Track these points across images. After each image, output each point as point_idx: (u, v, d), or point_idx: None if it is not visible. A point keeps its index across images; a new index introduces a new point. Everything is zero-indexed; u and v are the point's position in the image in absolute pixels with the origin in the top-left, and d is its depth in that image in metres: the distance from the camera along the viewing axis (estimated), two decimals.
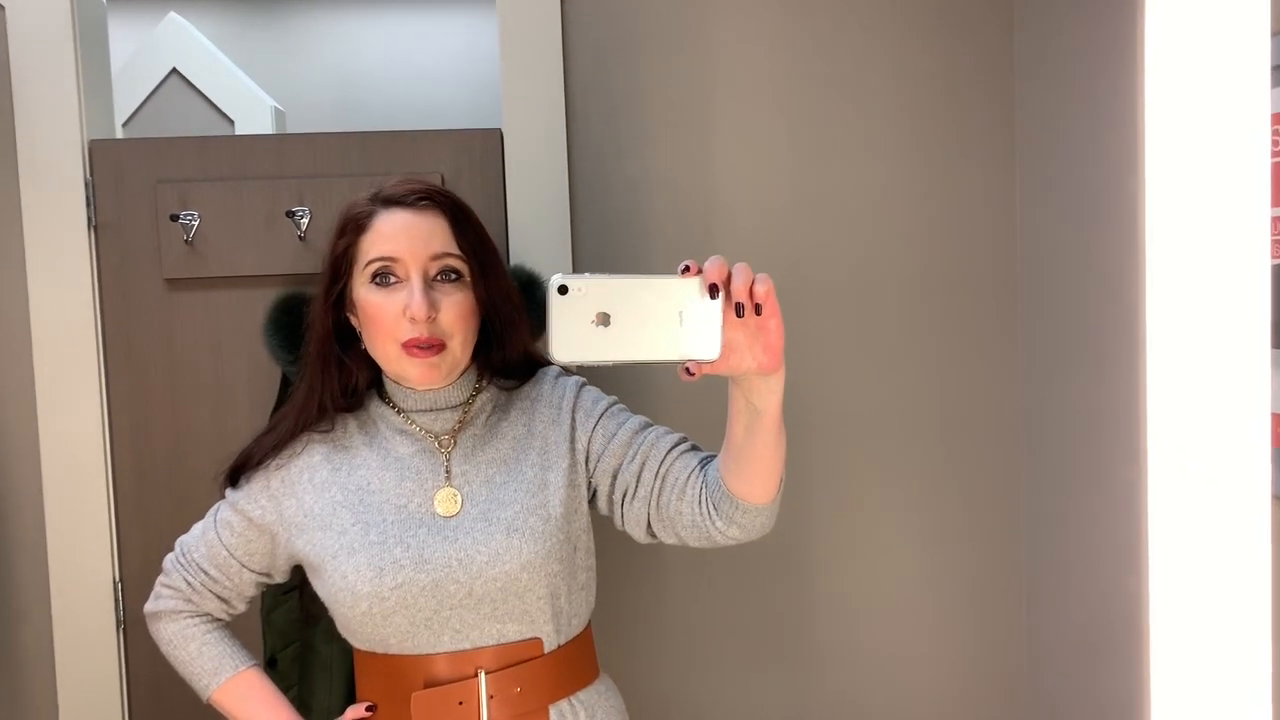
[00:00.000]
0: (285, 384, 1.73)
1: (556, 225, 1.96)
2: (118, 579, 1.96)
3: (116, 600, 1.96)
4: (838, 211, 2.00)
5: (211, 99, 3.22)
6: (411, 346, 1.25)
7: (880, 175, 2.00)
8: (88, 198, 1.92)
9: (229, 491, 1.40)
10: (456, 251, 1.28)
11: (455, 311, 1.27)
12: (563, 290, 0.96)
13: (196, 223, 1.91)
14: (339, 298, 1.32)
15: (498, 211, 1.97)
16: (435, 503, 1.29)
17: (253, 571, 1.40)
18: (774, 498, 1.21)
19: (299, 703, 1.58)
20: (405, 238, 1.26)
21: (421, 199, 1.28)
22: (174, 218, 1.89)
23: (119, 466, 1.96)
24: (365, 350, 1.33)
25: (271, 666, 1.67)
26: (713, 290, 0.98)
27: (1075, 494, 1.86)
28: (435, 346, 1.26)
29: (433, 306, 1.25)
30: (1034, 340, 1.98)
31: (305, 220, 1.90)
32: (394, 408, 1.35)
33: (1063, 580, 1.92)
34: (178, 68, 3.21)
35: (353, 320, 1.33)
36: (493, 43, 3.68)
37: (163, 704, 1.98)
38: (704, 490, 1.24)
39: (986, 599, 2.06)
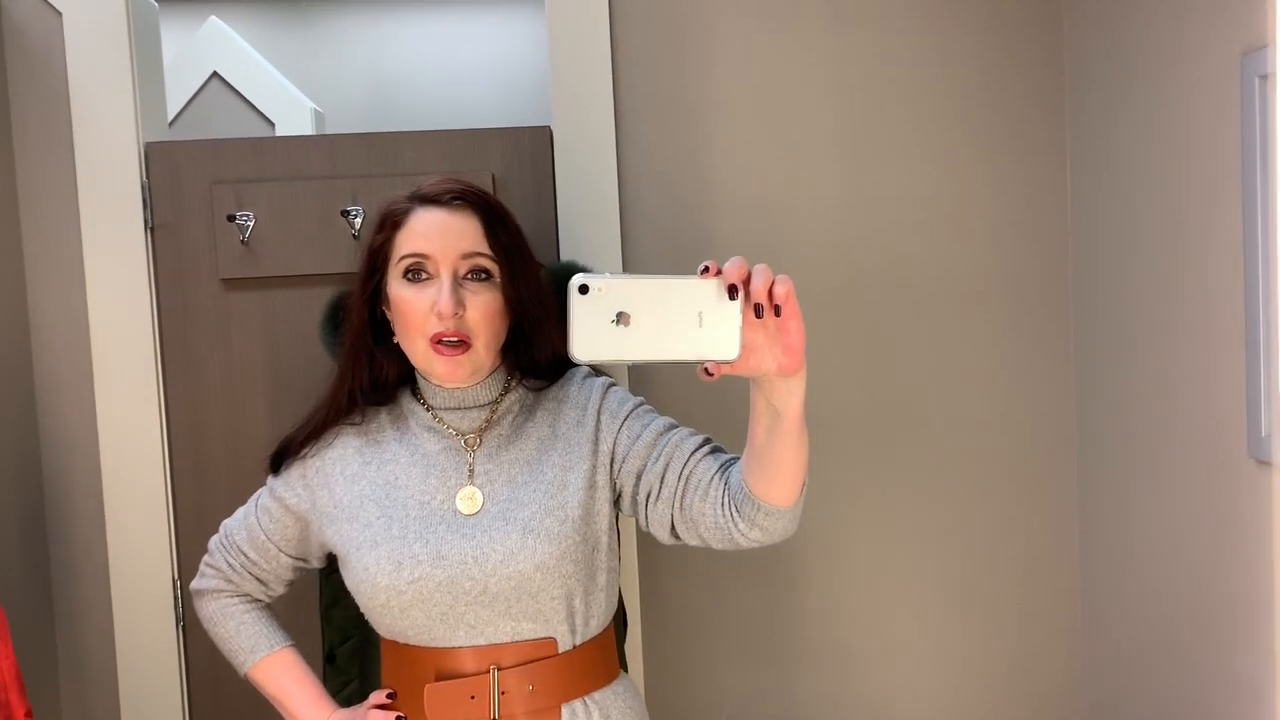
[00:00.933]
0: None
1: (606, 222, 1.97)
2: (176, 578, 1.98)
3: (176, 599, 1.98)
4: (887, 211, 2.00)
5: (252, 101, 3.25)
6: (437, 342, 1.27)
7: (930, 175, 1.99)
8: (144, 199, 1.93)
9: (270, 478, 1.44)
10: (487, 251, 1.30)
11: (482, 310, 1.29)
12: (583, 290, 0.97)
13: (252, 223, 1.92)
14: (374, 292, 1.34)
15: (548, 209, 1.97)
16: (457, 500, 1.32)
17: (289, 556, 1.44)
18: (796, 500, 1.21)
19: (359, 696, 1.59)
20: (438, 235, 1.29)
21: (456, 198, 1.31)
22: (230, 218, 1.91)
23: (177, 466, 1.97)
24: (398, 345, 1.35)
25: (330, 662, 1.68)
26: (732, 291, 0.99)
27: (1130, 499, 1.85)
28: (461, 343, 1.27)
29: (460, 304, 1.27)
30: (1085, 341, 1.97)
31: (359, 220, 1.91)
32: (424, 405, 1.37)
33: (1117, 586, 1.90)
34: (219, 71, 3.24)
35: (387, 314, 1.35)
36: (527, 44, 3.71)
37: (223, 703, 2.00)
38: (726, 492, 1.25)
39: (1037, 605, 2.05)
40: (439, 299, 1.26)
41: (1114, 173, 1.85)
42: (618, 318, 0.97)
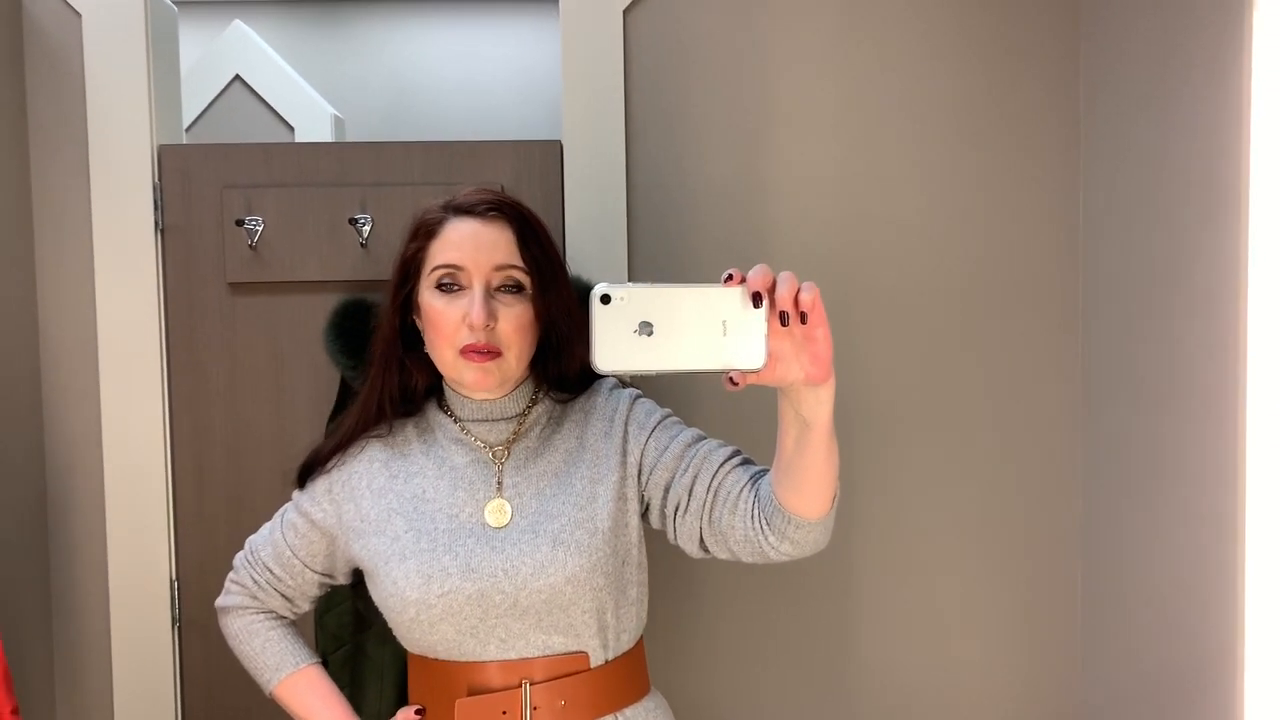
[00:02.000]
0: (344, 389, 1.74)
1: (614, 237, 1.97)
2: (174, 578, 1.99)
3: (173, 599, 1.98)
4: (895, 227, 1.99)
5: (273, 106, 3.27)
6: (469, 352, 1.26)
7: (938, 191, 1.98)
8: (155, 201, 1.95)
9: (295, 493, 1.42)
10: (519, 264, 1.29)
11: (514, 323, 1.28)
12: (605, 299, 0.95)
13: (260, 228, 1.93)
14: (406, 300, 1.34)
15: (555, 222, 1.97)
16: (485, 513, 1.30)
17: (315, 572, 1.42)
18: (828, 512, 1.19)
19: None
20: (471, 247, 1.28)
21: (491, 210, 1.30)
22: (239, 222, 1.92)
23: (179, 467, 1.98)
24: (427, 355, 1.34)
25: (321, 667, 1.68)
26: (755, 299, 0.97)
27: (1136, 503, 1.83)
28: (491, 353, 1.26)
29: (491, 315, 1.26)
30: (1094, 344, 1.95)
31: (367, 228, 1.92)
32: (452, 417, 1.36)
33: (1121, 591, 1.89)
34: (241, 75, 3.26)
35: (418, 323, 1.35)
36: (548, 54, 3.71)
37: (215, 702, 2.00)
38: (756, 505, 1.22)
39: (1040, 619, 2.03)
40: (471, 311, 1.26)
41: (1127, 177, 1.84)
42: (641, 327, 0.95)
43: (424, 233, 1.32)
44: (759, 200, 1.98)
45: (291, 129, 3.27)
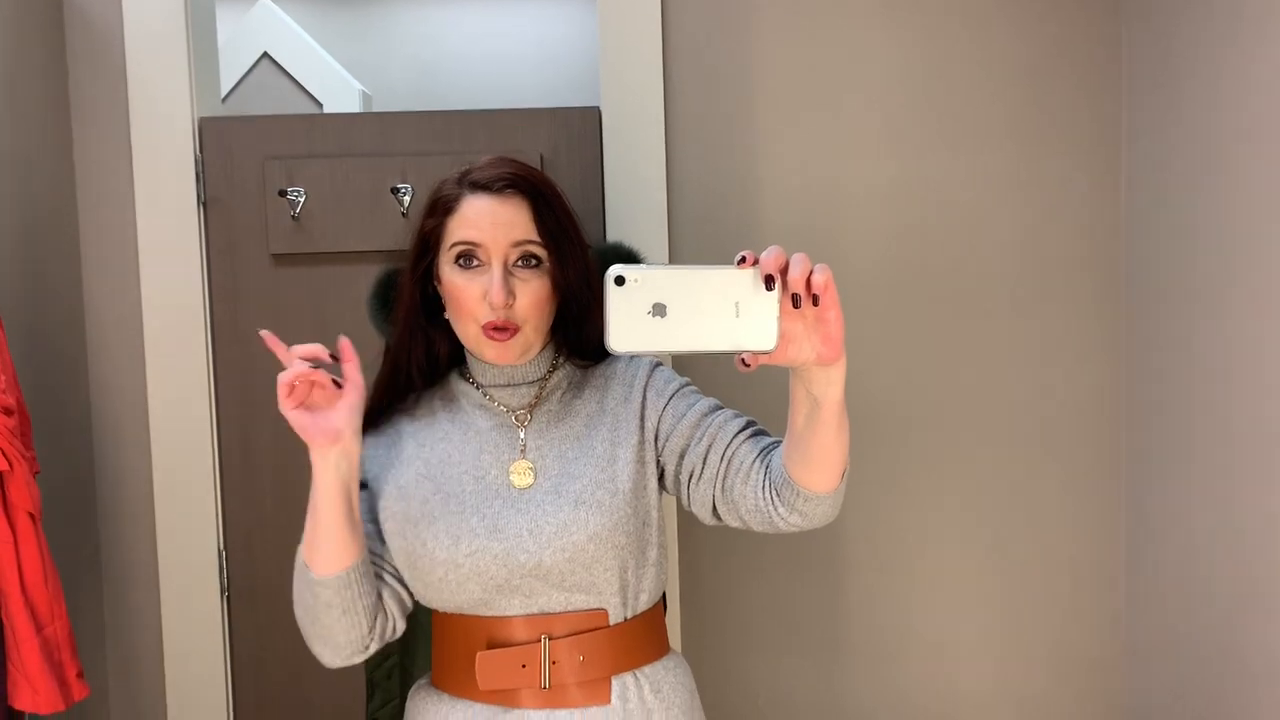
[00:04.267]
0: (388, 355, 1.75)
1: (653, 203, 1.97)
2: (222, 549, 2.01)
3: (220, 570, 2.00)
4: (937, 195, 1.98)
5: (301, 82, 3.28)
6: (489, 329, 1.28)
7: (982, 160, 1.98)
8: (197, 174, 1.96)
9: None
10: (536, 239, 1.31)
11: (531, 298, 1.30)
12: (619, 281, 0.96)
13: (303, 199, 1.94)
14: (426, 272, 1.35)
15: (595, 190, 1.97)
16: (510, 475, 1.32)
17: (372, 524, 1.40)
18: (837, 487, 1.21)
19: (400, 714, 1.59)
20: (488, 224, 1.30)
21: (507, 186, 1.31)
22: (282, 193, 1.93)
23: (225, 439, 2.00)
24: (448, 323, 1.36)
25: (370, 683, 1.71)
26: (768, 282, 0.98)
27: (1178, 485, 1.83)
28: (510, 330, 1.28)
29: (510, 294, 1.28)
30: (1136, 326, 1.95)
31: (408, 197, 1.92)
32: (474, 384, 1.38)
33: (1163, 574, 1.88)
34: (269, 52, 3.27)
35: (439, 290, 1.36)
36: (574, 29, 3.71)
37: (265, 670, 2.03)
38: (767, 477, 1.25)
39: (1081, 594, 2.04)
40: (490, 289, 1.28)
41: (1170, 160, 1.83)
42: (654, 309, 0.96)
43: (442, 209, 1.34)
44: (801, 163, 1.98)
45: (320, 105, 3.28)
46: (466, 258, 1.30)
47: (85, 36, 1.94)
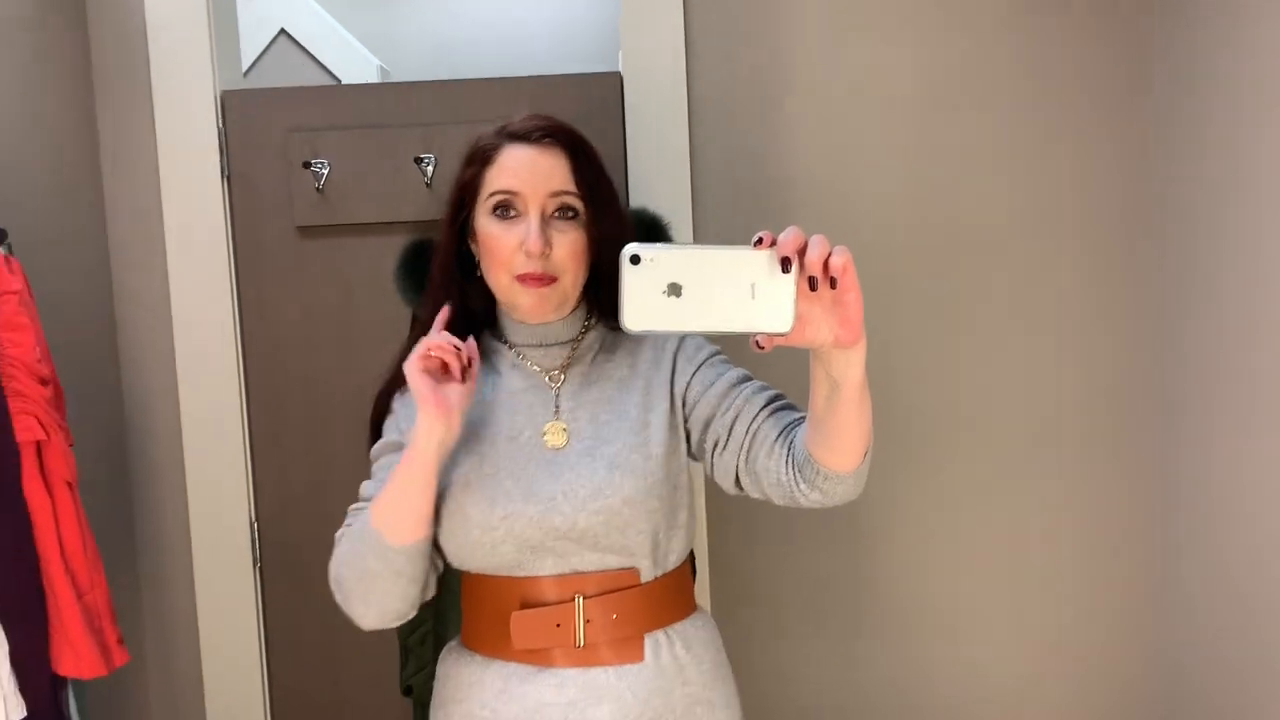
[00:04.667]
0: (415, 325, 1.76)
1: (676, 169, 1.96)
2: (254, 519, 2.03)
3: (252, 540, 2.02)
4: (963, 163, 1.96)
5: (319, 58, 3.27)
6: (526, 279, 1.28)
7: (1010, 129, 1.96)
8: (221, 147, 1.96)
9: (375, 447, 1.40)
10: (574, 190, 1.30)
11: (568, 249, 1.30)
12: (635, 260, 0.96)
13: (327, 171, 1.94)
14: (463, 226, 1.35)
15: (617, 156, 1.97)
16: (544, 435, 1.32)
17: None
18: (858, 466, 1.20)
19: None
20: (527, 173, 1.29)
21: (546, 136, 1.31)
22: (306, 165, 1.93)
23: (254, 409, 2.01)
24: (482, 280, 1.36)
25: (405, 651, 1.73)
26: (784, 264, 0.97)
27: (1213, 465, 1.81)
28: (547, 280, 1.28)
29: (547, 243, 1.28)
30: (1168, 297, 1.93)
31: (431, 168, 1.93)
32: (507, 344, 1.38)
33: (1198, 552, 1.88)
34: (286, 28, 3.26)
35: (474, 248, 1.36)
36: (588, 5, 3.69)
37: (298, 641, 2.05)
38: (790, 453, 1.24)
39: (1114, 573, 2.02)
40: (527, 238, 1.27)
41: (1200, 129, 1.81)
42: (669, 288, 0.96)
43: (480, 159, 1.34)
44: (825, 126, 1.96)
45: (338, 81, 3.28)
46: (504, 208, 1.30)
47: (108, 12, 1.95)
